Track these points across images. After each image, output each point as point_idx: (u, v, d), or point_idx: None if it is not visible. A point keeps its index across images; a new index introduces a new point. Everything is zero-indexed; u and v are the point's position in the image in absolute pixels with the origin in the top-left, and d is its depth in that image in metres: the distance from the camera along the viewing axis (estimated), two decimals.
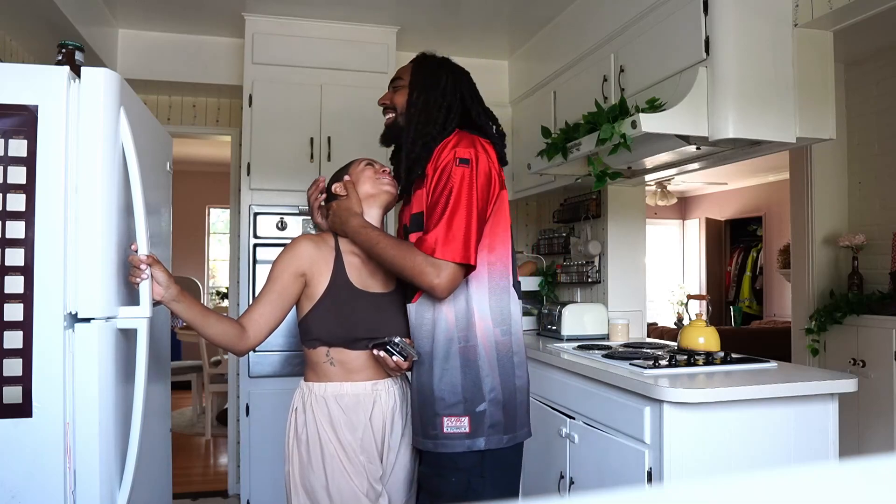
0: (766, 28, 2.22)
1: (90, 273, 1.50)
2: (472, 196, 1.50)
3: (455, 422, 1.53)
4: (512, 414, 1.57)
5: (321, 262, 1.65)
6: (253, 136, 3.24)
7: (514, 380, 1.59)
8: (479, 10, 3.27)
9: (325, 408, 1.60)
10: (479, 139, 1.60)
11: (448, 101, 1.67)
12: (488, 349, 1.55)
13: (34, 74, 1.49)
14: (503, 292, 1.59)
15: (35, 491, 1.44)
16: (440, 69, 1.74)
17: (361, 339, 1.61)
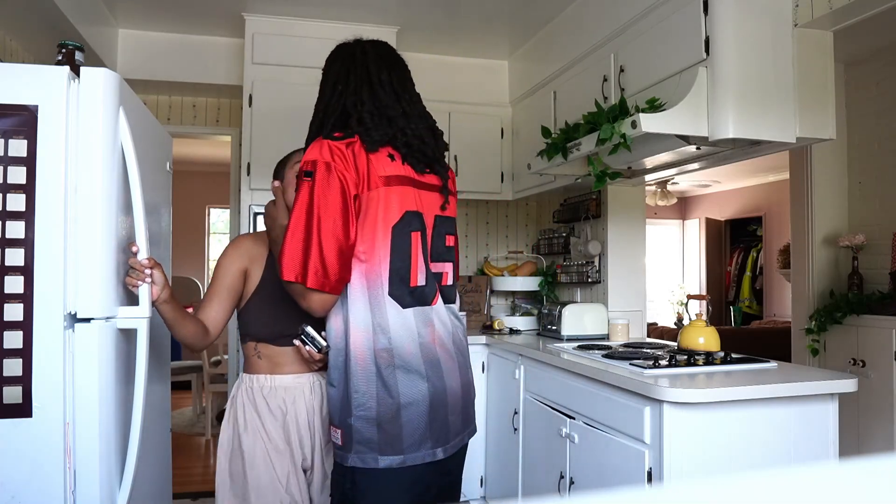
0: (766, 28, 2.22)
1: (90, 273, 1.50)
2: (314, 212, 1.39)
3: (335, 432, 1.50)
4: (393, 433, 1.44)
5: (258, 259, 1.73)
6: (253, 136, 3.24)
7: (398, 396, 1.44)
8: (479, 11, 3.27)
9: (254, 398, 1.69)
10: (328, 143, 1.44)
11: (325, 101, 1.58)
12: (363, 362, 1.45)
13: (34, 74, 1.49)
14: (378, 303, 1.46)
15: (35, 491, 1.44)
16: (335, 60, 1.65)
17: (286, 335, 1.66)
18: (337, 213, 1.40)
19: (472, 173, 3.79)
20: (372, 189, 1.45)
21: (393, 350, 1.45)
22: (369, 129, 1.48)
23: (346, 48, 1.66)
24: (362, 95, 1.54)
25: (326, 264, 1.39)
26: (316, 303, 1.43)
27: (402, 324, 1.47)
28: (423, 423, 1.47)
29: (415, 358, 1.48)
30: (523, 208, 4.27)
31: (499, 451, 3.22)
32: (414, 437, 1.46)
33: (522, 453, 2.89)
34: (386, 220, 1.46)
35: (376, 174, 1.46)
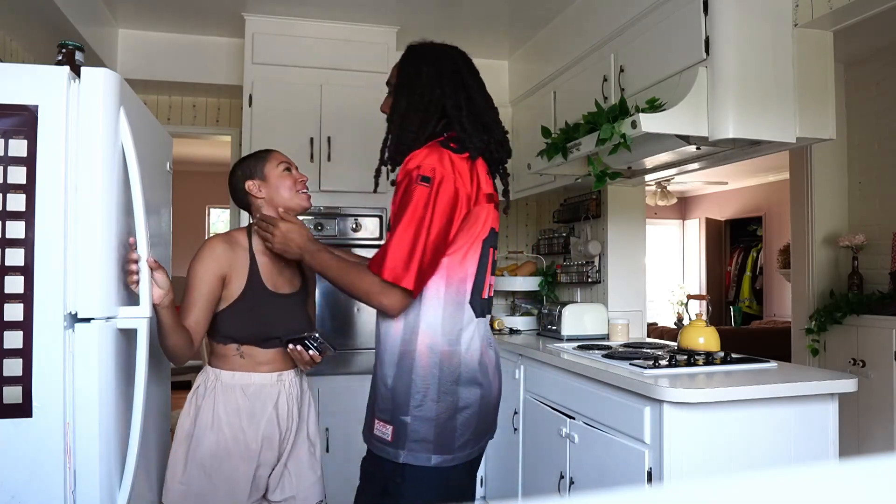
0: (766, 28, 2.22)
1: (90, 273, 1.50)
2: (425, 220, 1.43)
3: (382, 427, 1.53)
4: (447, 435, 1.50)
5: (237, 264, 1.70)
6: (253, 136, 3.24)
7: (457, 400, 1.51)
8: (479, 10, 3.27)
9: (232, 394, 1.68)
10: (448, 154, 1.49)
11: (424, 103, 1.56)
12: (427, 364, 1.49)
13: (34, 74, 1.49)
14: (457, 308, 1.51)
15: (35, 491, 1.44)
16: (422, 63, 1.60)
17: (273, 337, 1.69)
18: (445, 225, 1.46)
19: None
20: (478, 205, 1.52)
21: (460, 355, 1.51)
22: (470, 136, 1.53)
23: (428, 49, 1.64)
24: (459, 99, 1.56)
25: (427, 271, 1.45)
26: (400, 305, 1.48)
27: (472, 331, 1.53)
28: (473, 425, 1.54)
29: (475, 364, 1.53)
30: (523, 208, 4.27)
31: (499, 451, 3.22)
32: (464, 438, 1.53)
33: (522, 453, 2.89)
34: (480, 235, 1.53)
35: (483, 191, 1.54)
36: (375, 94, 3.39)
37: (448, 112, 1.55)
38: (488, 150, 1.57)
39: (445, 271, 1.50)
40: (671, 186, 6.69)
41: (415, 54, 1.64)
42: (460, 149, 1.52)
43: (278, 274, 1.75)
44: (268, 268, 1.73)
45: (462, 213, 1.48)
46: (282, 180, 1.75)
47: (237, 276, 1.68)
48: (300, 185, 1.77)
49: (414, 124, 1.55)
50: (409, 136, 1.55)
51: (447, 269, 1.50)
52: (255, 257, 1.72)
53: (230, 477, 1.66)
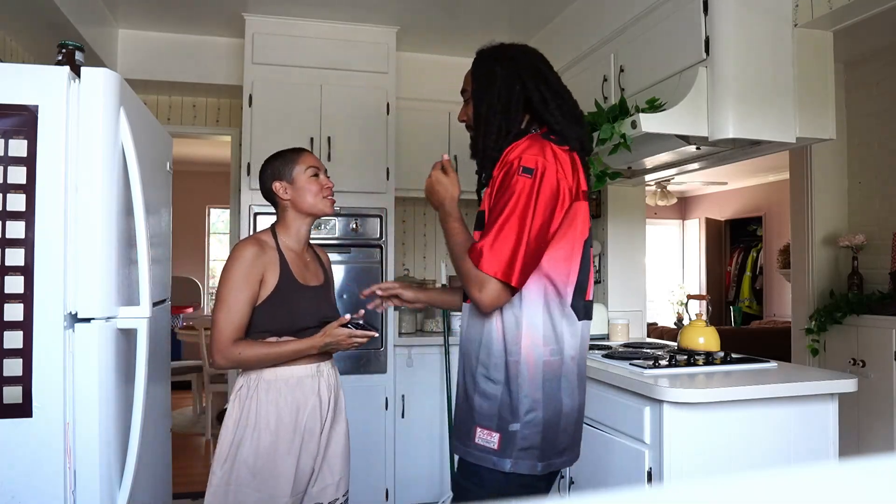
0: (766, 28, 2.22)
1: (90, 273, 1.50)
2: (528, 211, 1.37)
3: (486, 435, 1.45)
4: (551, 440, 1.45)
5: (269, 264, 1.75)
6: (253, 136, 3.24)
7: (560, 405, 1.45)
8: (479, 11, 3.27)
9: (276, 390, 1.71)
10: (550, 146, 1.44)
11: (503, 103, 1.50)
12: (533, 368, 1.43)
13: (34, 74, 1.49)
14: (557, 311, 1.45)
15: (35, 491, 1.44)
16: (495, 64, 1.55)
17: (307, 327, 1.74)
18: (548, 219, 1.40)
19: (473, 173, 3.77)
20: (579, 200, 1.46)
21: (562, 360, 1.45)
22: (565, 127, 1.48)
23: (499, 49, 1.59)
24: (544, 93, 1.50)
25: (530, 266, 1.39)
26: (496, 300, 1.41)
27: (573, 335, 1.47)
28: (572, 430, 1.49)
29: (575, 368, 1.49)
30: None
31: None
32: (564, 444, 1.48)
33: None
34: (582, 234, 1.47)
35: (582, 187, 1.48)
36: (376, 93, 3.41)
37: (535, 106, 1.50)
38: (581, 143, 1.51)
39: (547, 271, 1.43)
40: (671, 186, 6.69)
41: (486, 56, 1.59)
42: (561, 141, 1.47)
43: (305, 268, 1.83)
44: (295, 263, 1.81)
45: (564, 206, 1.42)
46: (308, 185, 1.80)
47: (271, 274, 1.74)
48: (326, 191, 1.83)
49: (497, 126, 1.50)
50: (493, 138, 1.50)
51: (549, 268, 1.43)
52: (283, 254, 1.78)
53: (276, 473, 1.69)
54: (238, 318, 1.68)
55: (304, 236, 1.85)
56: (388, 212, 3.37)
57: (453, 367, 3.35)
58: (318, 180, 1.81)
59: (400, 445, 3.30)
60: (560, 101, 1.51)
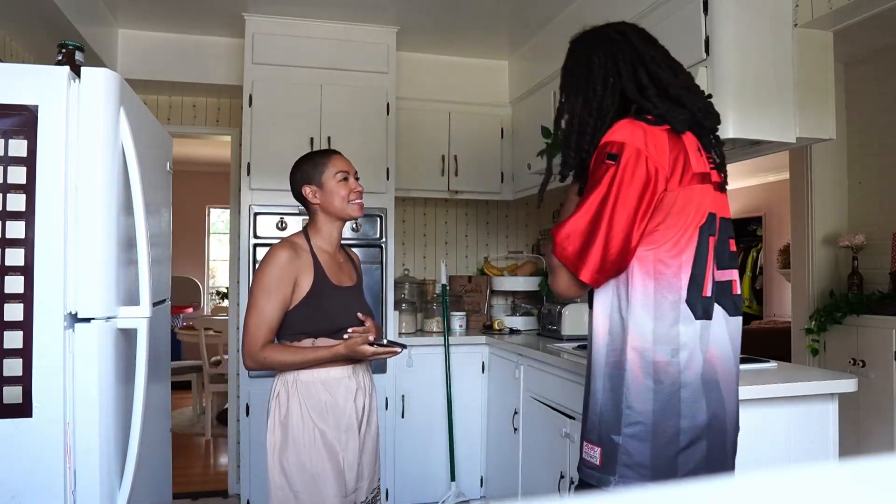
0: (766, 28, 2.22)
1: (90, 273, 1.50)
2: (608, 201, 1.26)
3: (590, 450, 1.34)
4: (667, 461, 1.27)
5: (304, 266, 1.79)
6: (253, 136, 3.24)
7: (678, 419, 1.27)
8: (479, 10, 3.27)
9: (315, 392, 1.75)
10: (643, 127, 1.30)
11: (600, 98, 1.38)
12: (639, 374, 1.28)
13: (34, 74, 1.49)
14: (670, 309, 1.29)
15: (35, 491, 1.44)
16: (589, 52, 1.42)
17: (342, 328, 1.78)
18: (634, 209, 1.26)
19: (472, 173, 3.79)
20: (684, 185, 1.30)
21: (679, 364, 1.28)
22: (665, 112, 1.33)
23: (598, 33, 1.46)
24: (641, 79, 1.36)
25: (606, 260, 1.28)
26: (566, 290, 1.34)
27: (691, 336, 1.30)
28: (702, 454, 1.29)
29: (698, 378, 1.30)
30: (523, 208, 4.27)
31: (499, 451, 3.22)
32: (688, 468, 1.28)
33: (522, 453, 2.89)
34: (695, 221, 1.31)
35: (692, 169, 1.31)
36: (376, 93, 3.41)
37: (631, 97, 1.36)
38: (695, 121, 1.36)
39: (653, 265, 1.30)
40: None
41: (579, 46, 1.46)
42: (659, 121, 1.32)
43: (339, 269, 1.88)
44: (329, 265, 1.84)
45: (657, 194, 1.28)
46: (337, 189, 1.83)
47: (305, 276, 1.77)
48: (355, 195, 1.85)
49: (590, 126, 1.38)
50: (588, 139, 1.38)
51: (654, 261, 1.30)
52: (316, 256, 1.82)
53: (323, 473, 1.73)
54: (267, 322, 1.72)
55: (335, 238, 1.89)
56: (388, 212, 3.37)
57: (453, 367, 3.35)
58: (347, 184, 1.84)
59: (400, 445, 3.30)
60: (659, 86, 1.36)
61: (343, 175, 1.84)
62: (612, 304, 1.34)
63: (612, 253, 1.27)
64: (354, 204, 1.85)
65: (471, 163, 3.79)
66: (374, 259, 3.36)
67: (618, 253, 1.27)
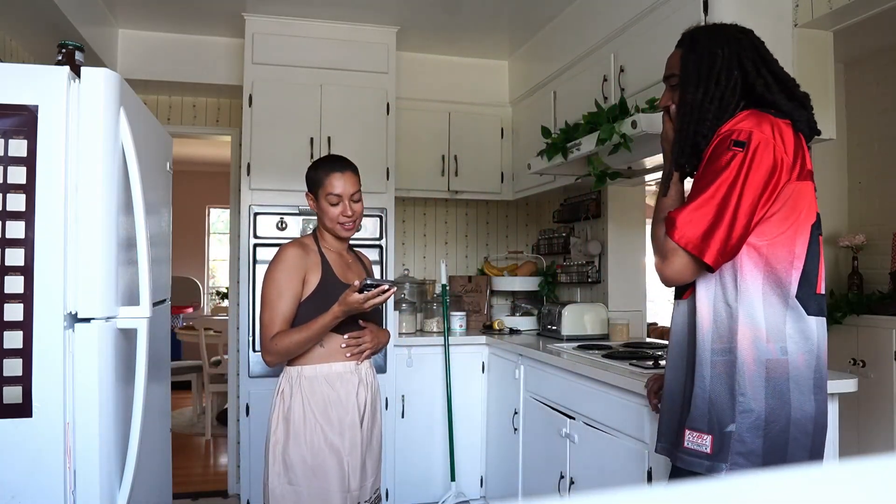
0: (766, 28, 2.22)
1: (90, 273, 1.50)
2: (736, 186, 1.26)
3: (696, 438, 1.34)
4: (779, 448, 1.29)
5: (312, 264, 1.85)
6: (253, 136, 3.24)
7: (789, 409, 1.29)
8: (479, 10, 3.27)
9: (318, 386, 1.80)
10: (769, 118, 1.32)
11: (721, 89, 1.39)
12: (752, 365, 1.30)
13: (34, 74, 1.49)
14: (779, 303, 1.30)
15: (35, 491, 1.44)
16: (713, 44, 1.43)
17: (346, 323, 1.83)
18: (758, 195, 1.28)
19: (472, 173, 3.79)
20: (801, 180, 1.32)
21: (789, 360, 1.30)
22: (791, 110, 1.37)
23: (722, 29, 1.49)
24: (766, 77, 1.39)
25: (728, 244, 1.28)
26: (680, 275, 1.33)
27: (801, 331, 1.31)
28: (808, 444, 1.32)
29: (810, 372, 1.31)
30: (523, 208, 4.27)
31: (499, 451, 3.22)
32: (795, 458, 1.30)
33: (522, 453, 2.89)
34: (808, 219, 1.33)
35: (808, 167, 1.34)
36: (376, 93, 3.41)
37: (758, 92, 1.38)
38: (809, 125, 1.39)
39: (766, 257, 1.30)
40: None
41: (702, 39, 1.47)
42: (784, 115, 1.35)
43: (347, 268, 1.94)
44: (337, 263, 1.91)
45: (780, 184, 1.29)
46: (328, 210, 1.89)
47: (313, 274, 1.84)
48: (345, 218, 1.90)
49: (713, 114, 1.38)
50: (707, 125, 1.38)
51: (768, 254, 1.30)
52: (324, 255, 1.89)
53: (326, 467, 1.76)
54: (281, 318, 1.78)
55: (339, 242, 1.96)
56: (388, 212, 3.37)
57: (453, 367, 3.35)
58: (337, 208, 1.89)
59: (400, 445, 3.30)
60: (783, 86, 1.39)
61: (336, 199, 1.88)
62: (716, 293, 1.34)
63: (735, 237, 1.28)
64: (341, 226, 1.90)
65: (471, 163, 3.79)
66: (374, 259, 3.35)
67: (739, 237, 1.28)
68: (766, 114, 1.34)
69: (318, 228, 1.96)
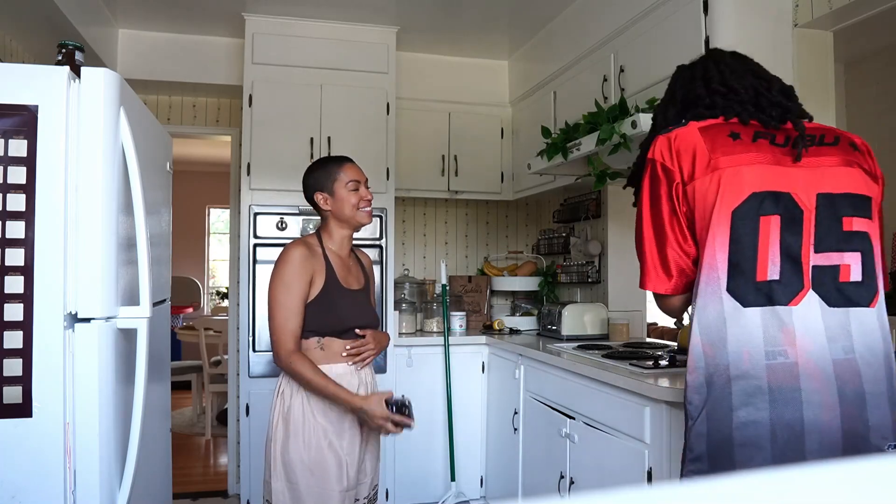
0: (766, 28, 2.22)
1: (90, 273, 1.50)
2: (642, 213, 1.34)
3: None
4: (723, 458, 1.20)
5: (317, 266, 1.84)
6: (253, 136, 3.24)
7: (730, 417, 1.19)
8: (479, 11, 3.27)
9: None
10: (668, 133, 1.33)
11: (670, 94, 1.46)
12: (696, 367, 1.25)
13: (34, 74, 1.49)
14: (712, 298, 1.23)
15: (35, 491, 1.44)
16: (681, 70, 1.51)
17: (350, 328, 1.86)
18: (654, 213, 1.32)
19: (472, 173, 3.79)
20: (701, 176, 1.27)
21: (727, 357, 1.20)
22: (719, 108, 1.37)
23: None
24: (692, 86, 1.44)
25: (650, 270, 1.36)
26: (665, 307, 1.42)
27: (743, 326, 1.20)
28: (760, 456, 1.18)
29: (749, 368, 1.19)
30: (523, 208, 4.27)
31: (499, 451, 3.22)
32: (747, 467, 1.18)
33: (522, 453, 2.89)
34: (726, 205, 1.24)
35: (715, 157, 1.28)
36: (376, 93, 3.41)
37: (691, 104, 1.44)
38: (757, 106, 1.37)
39: (703, 258, 1.26)
40: None
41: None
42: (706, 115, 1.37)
43: (348, 272, 1.93)
44: (340, 267, 1.90)
45: (664, 189, 1.30)
46: (348, 197, 1.88)
47: (318, 276, 1.83)
48: (364, 203, 1.91)
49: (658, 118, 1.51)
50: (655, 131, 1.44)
51: (703, 255, 1.26)
52: (328, 258, 1.88)
53: (324, 466, 1.77)
54: (295, 316, 1.77)
55: (346, 243, 1.96)
56: (388, 212, 3.37)
57: (453, 367, 3.35)
58: (357, 193, 1.89)
59: (400, 445, 3.30)
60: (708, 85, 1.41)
61: (354, 185, 1.89)
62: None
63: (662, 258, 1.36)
64: (364, 212, 1.91)
65: (471, 163, 3.79)
66: (373, 259, 3.35)
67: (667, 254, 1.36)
68: (661, 135, 1.34)
69: (323, 229, 1.94)
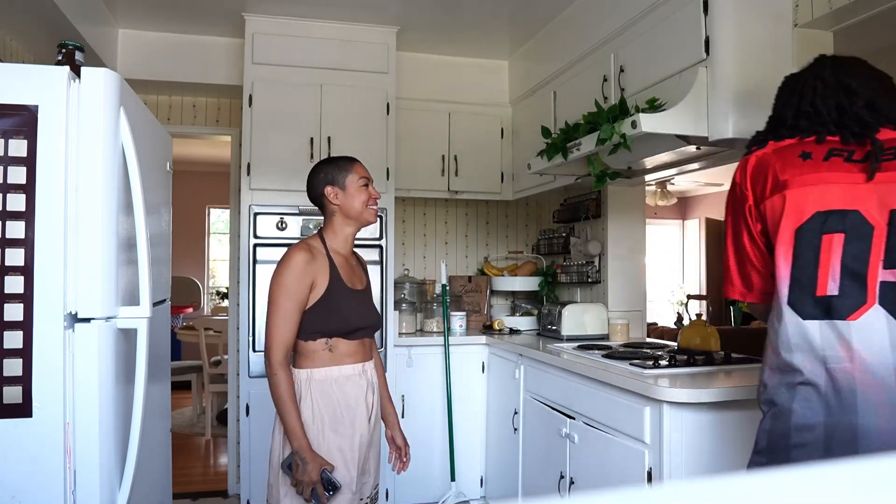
0: (766, 28, 2.22)
1: (90, 273, 1.50)
2: (727, 228, 1.50)
3: None
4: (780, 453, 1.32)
5: (320, 269, 1.83)
6: (253, 136, 3.24)
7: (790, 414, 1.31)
8: (479, 10, 3.27)
9: (328, 390, 1.79)
10: (750, 156, 1.48)
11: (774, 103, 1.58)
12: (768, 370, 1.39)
13: (34, 74, 1.49)
14: (777, 310, 1.36)
15: (35, 491, 1.44)
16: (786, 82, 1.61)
17: (356, 329, 1.85)
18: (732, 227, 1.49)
19: (472, 173, 3.79)
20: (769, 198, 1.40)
21: (791, 364, 1.31)
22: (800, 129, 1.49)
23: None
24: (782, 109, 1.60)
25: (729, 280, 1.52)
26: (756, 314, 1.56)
27: (803, 337, 1.30)
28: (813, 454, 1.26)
29: (815, 376, 1.28)
30: (523, 208, 4.27)
31: (499, 451, 3.22)
32: None
33: (522, 453, 2.89)
34: (791, 223, 1.34)
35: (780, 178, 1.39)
36: (376, 93, 3.41)
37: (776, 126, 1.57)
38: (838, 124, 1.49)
39: (775, 272, 1.37)
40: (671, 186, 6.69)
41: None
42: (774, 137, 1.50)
43: (351, 272, 1.94)
44: (343, 268, 1.90)
45: (742, 209, 1.45)
46: (358, 193, 1.90)
47: (321, 278, 1.82)
48: (373, 201, 1.93)
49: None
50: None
51: (774, 269, 1.37)
52: (332, 259, 1.87)
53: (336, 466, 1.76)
54: (289, 324, 1.77)
55: (350, 242, 1.96)
56: (388, 212, 3.37)
57: (453, 367, 3.35)
58: (367, 190, 1.91)
59: None
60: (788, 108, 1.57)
61: (365, 182, 1.91)
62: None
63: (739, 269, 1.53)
64: (372, 209, 1.93)
65: (471, 163, 3.79)
66: (374, 259, 3.35)
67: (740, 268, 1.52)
68: (747, 155, 1.50)
69: (327, 229, 1.93)
